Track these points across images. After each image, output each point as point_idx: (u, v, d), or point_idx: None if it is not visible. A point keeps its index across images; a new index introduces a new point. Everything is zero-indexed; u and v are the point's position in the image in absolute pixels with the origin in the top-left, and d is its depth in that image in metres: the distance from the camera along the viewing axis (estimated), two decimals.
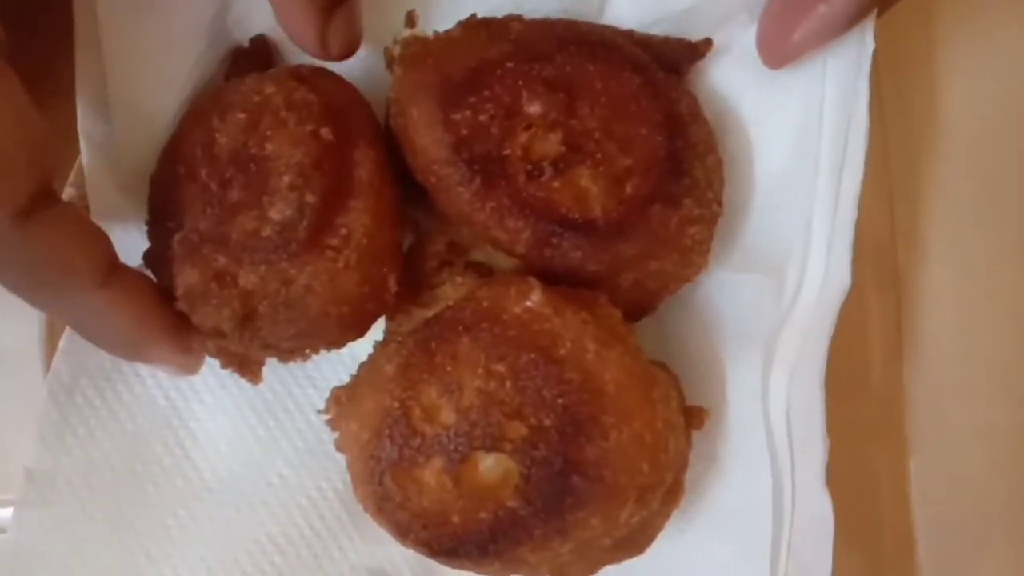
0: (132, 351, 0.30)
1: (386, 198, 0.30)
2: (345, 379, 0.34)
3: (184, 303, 0.30)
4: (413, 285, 0.32)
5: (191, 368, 0.31)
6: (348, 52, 0.31)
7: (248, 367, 0.31)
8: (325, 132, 0.29)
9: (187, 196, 0.30)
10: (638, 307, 0.33)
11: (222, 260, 0.29)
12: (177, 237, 0.30)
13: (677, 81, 0.32)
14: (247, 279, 0.29)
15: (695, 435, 0.32)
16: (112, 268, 0.28)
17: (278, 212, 0.28)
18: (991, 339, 0.40)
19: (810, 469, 0.33)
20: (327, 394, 0.34)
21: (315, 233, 0.28)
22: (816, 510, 0.33)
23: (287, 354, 0.31)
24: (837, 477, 0.33)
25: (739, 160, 0.34)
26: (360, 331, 0.31)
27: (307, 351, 0.31)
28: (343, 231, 0.29)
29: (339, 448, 0.32)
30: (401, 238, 0.31)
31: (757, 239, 0.33)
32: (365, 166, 0.30)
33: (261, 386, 0.35)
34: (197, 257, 0.29)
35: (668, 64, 0.32)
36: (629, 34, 0.33)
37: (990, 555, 0.40)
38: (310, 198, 0.28)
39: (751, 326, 0.32)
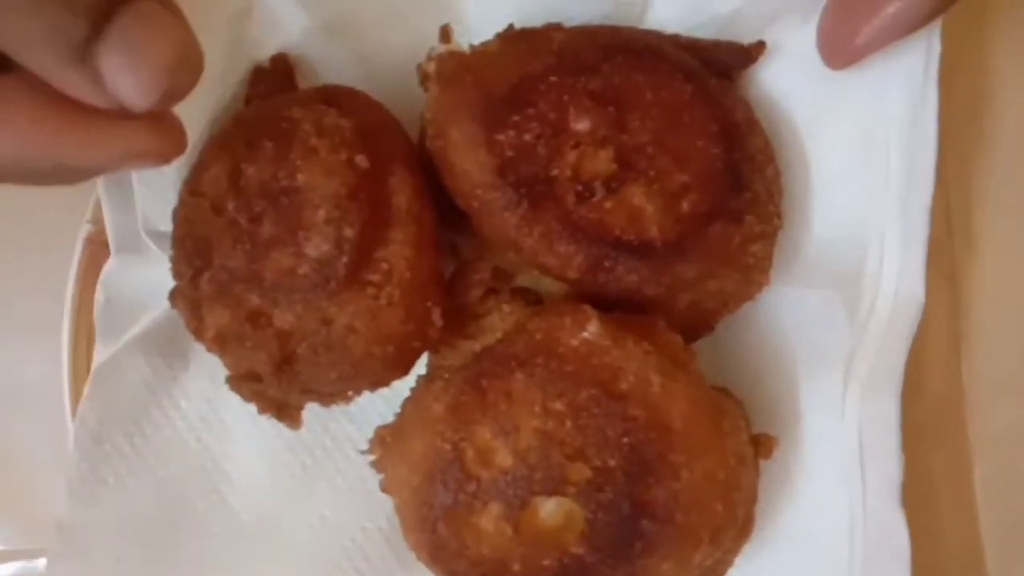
0: (61, 172, 0.21)
1: (426, 226, 0.28)
2: (383, 413, 0.33)
3: (215, 345, 0.28)
4: (457, 315, 0.30)
5: (161, 148, 0.23)
6: (150, 98, 0.20)
7: (287, 412, 0.30)
8: (360, 159, 0.27)
9: (214, 231, 0.28)
10: (694, 329, 0.31)
11: (255, 300, 0.27)
12: (206, 276, 0.28)
13: (729, 87, 0.30)
14: (283, 319, 0.27)
15: (762, 462, 0.30)
16: None
17: (315, 248, 0.26)
18: None
19: (884, 490, 0.31)
20: (365, 429, 0.32)
21: (355, 269, 0.26)
22: (891, 532, 0.31)
23: (328, 397, 0.29)
24: None
25: (794, 169, 0.31)
26: (405, 370, 0.29)
27: (349, 393, 0.29)
28: (384, 265, 0.27)
29: (385, 490, 0.30)
30: (443, 267, 0.29)
31: (820, 252, 0.31)
32: (403, 193, 0.28)
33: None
34: (228, 297, 0.27)
35: (718, 69, 0.30)
36: (675, 39, 0.31)
37: None
38: (348, 232, 0.26)
39: (823, 343, 0.30)
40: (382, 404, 0.34)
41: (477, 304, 0.30)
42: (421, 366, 0.31)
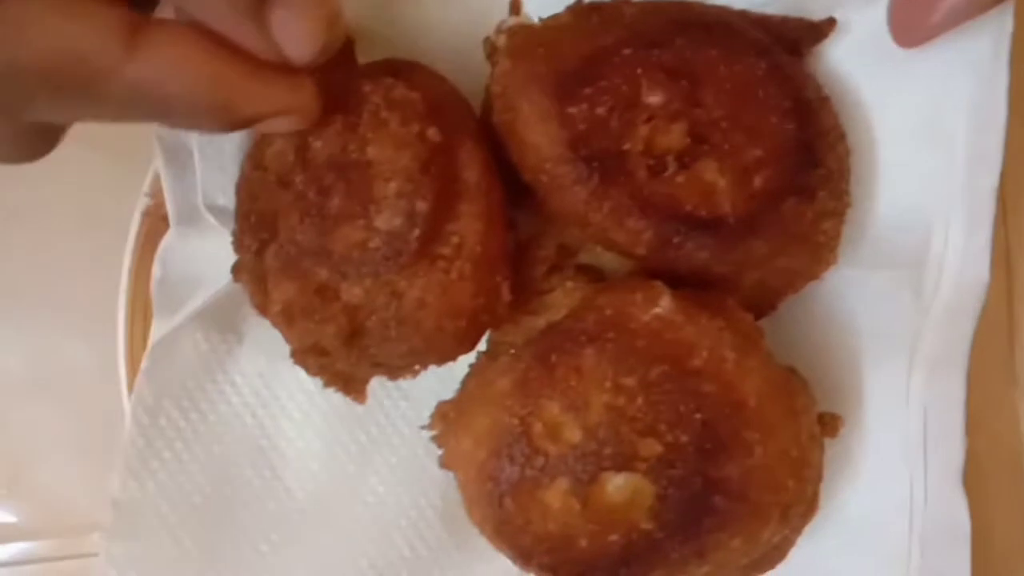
0: (221, 113, 0.22)
1: (495, 200, 0.28)
2: (437, 390, 0.32)
3: (281, 320, 0.28)
4: (520, 291, 0.30)
5: (308, 108, 0.24)
6: (311, 48, 0.22)
7: (353, 386, 0.29)
8: (432, 132, 0.26)
9: (280, 205, 0.28)
10: (757, 308, 0.30)
11: (324, 273, 0.27)
12: (272, 249, 0.28)
13: (799, 64, 0.30)
14: (352, 293, 0.27)
15: (826, 441, 0.30)
16: (132, 31, 0.21)
17: (386, 221, 0.26)
18: None
19: (946, 471, 0.31)
20: (419, 406, 0.32)
21: (426, 242, 0.26)
22: (951, 513, 0.31)
23: (396, 371, 0.29)
24: None
25: (861, 148, 0.31)
26: (473, 344, 0.29)
27: (416, 367, 0.29)
28: (455, 239, 0.27)
29: (445, 466, 0.30)
30: (511, 242, 0.29)
31: (886, 232, 0.31)
32: (473, 167, 0.27)
33: (350, 400, 0.33)
34: (296, 270, 0.27)
35: (787, 46, 0.30)
36: (744, 14, 0.30)
37: None
38: (421, 205, 0.26)
39: (889, 324, 0.30)
40: (435, 382, 0.34)
41: (540, 280, 0.30)
42: (480, 342, 0.31)
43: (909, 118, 0.31)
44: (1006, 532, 0.37)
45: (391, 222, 0.26)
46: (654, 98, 0.28)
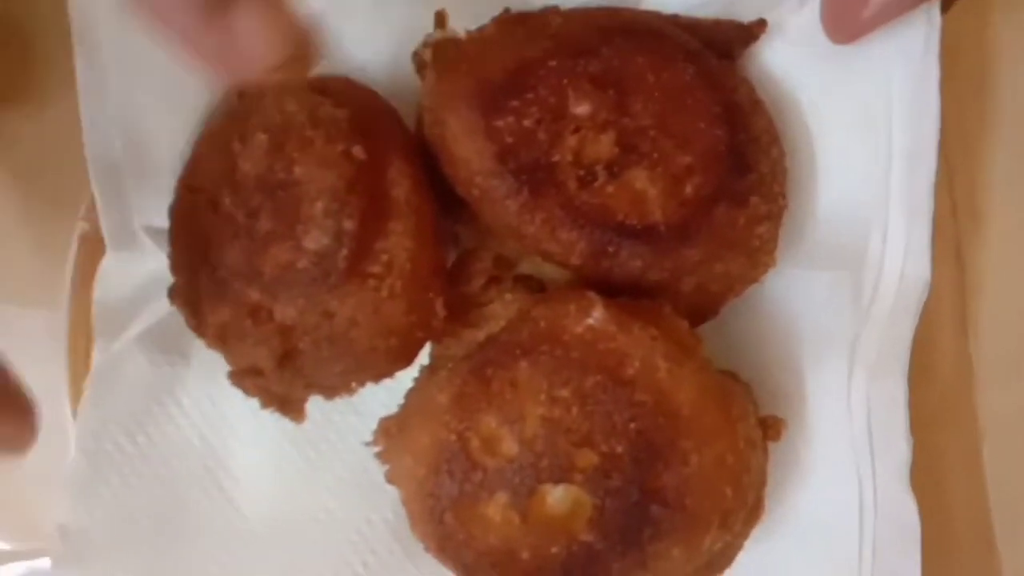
0: None
1: (426, 216, 0.28)
2: (386, 403, 0.32)
3: (216, 342, 0.28)
4: (459, 305, 0.30)
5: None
6: (261, 61, 0.21)
7: (290, 406, 0.29)
8: (357, 150, 0.26)
9: (211, 227, 0.28)
10: (699, 313, 0.30)
11: (256, 295, 0.27)
12: (205, 272, 0.28)
13: (731, 68, 0.30)
14: (284, 314, 0.27)
15: (771, 444, 0.30)
16: None
17: (314, 241, 0.26)
18: None
19: (893, 472, 0.31)
20: (370, 420, 0.31)
21: (355, 261, 0.26)
22: (901, 514, 0.31)
23: (331, 390, 0.29)
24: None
25: (798, 148, 0.31)
26: (409, 360, 0.29)
27: (352, 385, 0.29)
28: (384, 257, 0.27)
29: (391, 481, 0.30)
30: (444, 257, 0.29)
31: (825, 232, 0.31)
32: (402, 184, 0.27)
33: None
34: (228, 293, 0.27)
35: (719, 50, 0.30)
36: (674, 19, 0.30)
37: None
38: (348, 224, 0.26)
39: (829, 325, 0.30)
40: (385, 395, 0.34)
41: (480, 293, 0.30)
42: (424, 356, 0.31)
43: (846, 117, 0.31)
44: (965, 528, 0.37)
45: (319, 242, 0.26)
46: (581, 108, 0.28)
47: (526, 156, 0.27)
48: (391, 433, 0.30)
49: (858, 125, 0.30)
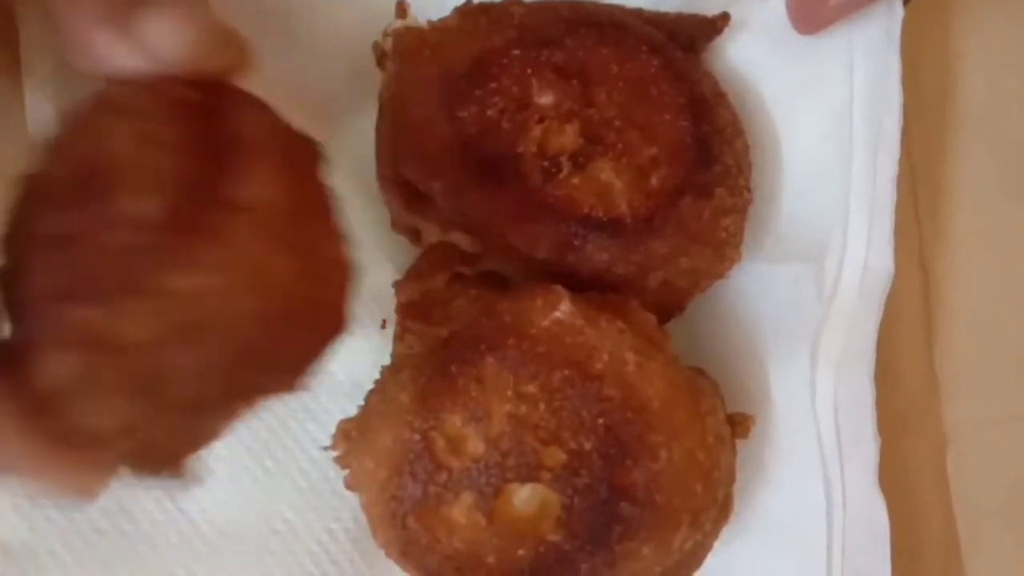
0: None
1: (300, 153, 0.22)
2: (347, 408, 0.31)
3: (56, 407, 0.19)
4: (422, 302, 0.29)
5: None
6: (186, 41, 0.20)
7: (172, 459, 0.21)
8: (182, 91, 0.20)
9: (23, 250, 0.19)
10: (666, 309, 0.30)
11: (96, 313, 0.18)
12: (28, 319, 0.19)
13: (695, 61, 0.30)
14: (134, 326, 0.18)
15: (739, 442, 0.30)
16: None
17: (129, 204, 0.18)
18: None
19: (861, 470, 0.30)
20: (328, 426, 0.30)
21: (195, 213, 0.19)
22: (870, 513, 0.31)
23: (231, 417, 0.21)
24: None
25: (763, 142, 0.31)
26: (321, 343, 0.22)
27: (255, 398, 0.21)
28: (241, 196, 0.19)
29: (350, 487, 0.28)
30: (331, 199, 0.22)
31: (790, 226, 0.31)
32: (257, 124, 0.21)
33: (255, 423, 0.32)
34: (62, 327, 0.18)
35: (683, 43, 0.30)
36: (638, 13, 0.30)
37: None
38: (165, 161, 0.19)
39: (792, 320, 0.30)
40: (345, 400, 0.33)
41: (443, 289, 0.29)
42: (385, 356, 0.30)
43: (809, 109, 0.31)
44: (932, 530, 0.37)
45: (135, 204, 0.18)
46: (545, 99, 0.27)
47: (489, 147, 0.27)
48: (351, 436, 0.28)
49: (822, 118, 0.30)
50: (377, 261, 0.32)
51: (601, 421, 0.25)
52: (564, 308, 0.26)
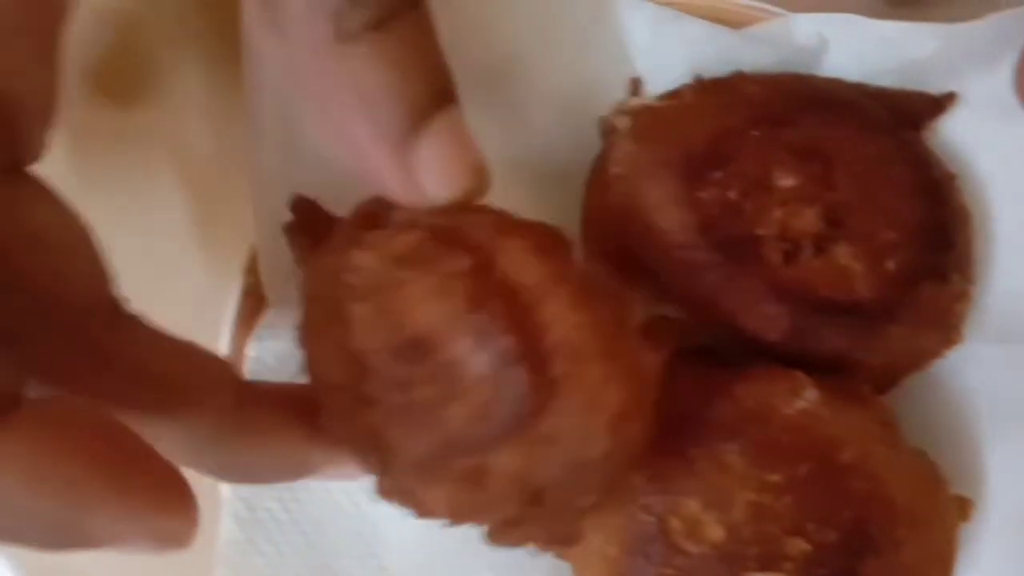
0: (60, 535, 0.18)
1: (570, 280, 0.22)
2: None
3: (456, 519, 0.25)
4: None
5: (176, 534, 0.20)
6: (454, 183, 0.20)
7: (564, 535, 0.26)
8: (459, 258, 0.21)
9: (375, 419, 0.23)
10: (880, 386, 0.30)
11: (463, 460, 0.22)
12: (398, 468, 0.24)
13: (921, 139, 0.29)
14: (500, 463, 0.22)
15: None
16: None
17: (488, 380, 0.21)
18: None
19: None
20: None
21: (535, 372, 0.21)
22: None
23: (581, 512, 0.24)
24: None
25: (978, 220, 0.31)
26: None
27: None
28: (556, 346, 0.21)
29: (568, 558, 0.29)
30: (626, 307, 0.23)
31: (1007, 306, 0.30)
32: (520, 264, 0.22)
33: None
34: (433, 472, 0.23)
35: (906, 120, 0.30)
36: (861, 88, 0.30)
37: None
38: (504, 341, 0.21)
39: (1010, 401, 0.29)
40: None
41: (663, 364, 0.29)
42: None
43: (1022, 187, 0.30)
44: None
45: (493, 376, 0.21)
46: (786, 181, 0.27)
47: (729, 228, 0.27)
48: None
49: None
50: None
51: (847, 514, 0.25)
52: (809, 396, 0.26)
